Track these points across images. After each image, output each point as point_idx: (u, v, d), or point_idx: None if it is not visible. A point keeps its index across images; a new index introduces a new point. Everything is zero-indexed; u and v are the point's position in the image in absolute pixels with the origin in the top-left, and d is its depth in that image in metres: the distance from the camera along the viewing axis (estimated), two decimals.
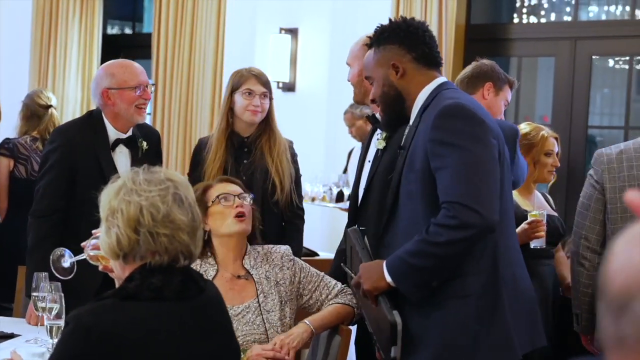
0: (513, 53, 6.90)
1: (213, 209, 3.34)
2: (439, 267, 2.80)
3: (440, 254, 2.76)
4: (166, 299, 2.30)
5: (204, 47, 7.37)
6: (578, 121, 6.50)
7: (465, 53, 6.75)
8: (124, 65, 4.12)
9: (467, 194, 2.72)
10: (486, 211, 2.70)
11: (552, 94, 6.71)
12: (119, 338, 2.21)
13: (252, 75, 4.09)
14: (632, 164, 3.57)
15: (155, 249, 2.29)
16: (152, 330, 2.27)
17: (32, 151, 5.47)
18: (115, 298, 2.29)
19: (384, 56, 3.01)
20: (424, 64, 2.99)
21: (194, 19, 7.43)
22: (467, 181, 2.73)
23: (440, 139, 2.79)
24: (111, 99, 3.95)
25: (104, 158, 3.95)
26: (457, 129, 2.79)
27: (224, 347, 2.46)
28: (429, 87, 2.97)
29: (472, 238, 2.73)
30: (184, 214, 2.32)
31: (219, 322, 2.47)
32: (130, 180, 2.35)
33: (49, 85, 8.01)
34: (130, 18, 9.44)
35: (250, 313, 3.27)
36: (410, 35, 2.99)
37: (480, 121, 2.80)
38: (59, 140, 3.99)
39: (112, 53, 8.44)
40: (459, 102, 2.85)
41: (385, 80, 3.01)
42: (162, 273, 2.30)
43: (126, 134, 4.04)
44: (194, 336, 2.35)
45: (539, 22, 7.42)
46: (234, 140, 4.06)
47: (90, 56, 8.02)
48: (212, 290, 2.49)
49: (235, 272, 3.34)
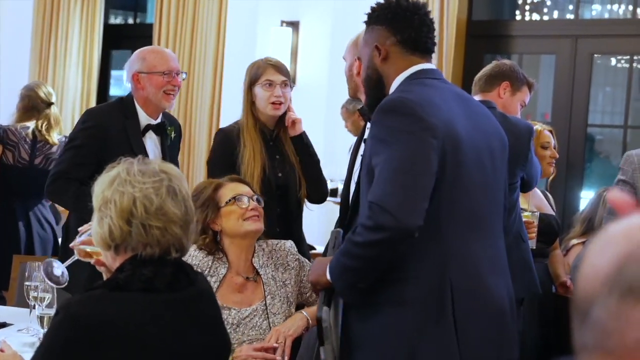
0: (514, 50, 6.89)
1: (227, 209, 3.30)
2: (362, 268, 2.63)
3: (361, 254, 2.60)
4: (156, 290, 2.30)
5: (205, 39, 7.36)
6: (578, 119, 6.49)
7: (466, 49, 6.74)
8: (156, 50, 4.20)
9: (384, 195, 2.55)
10: (402, 214, 2.51)
11: (552, 92, 6.70)
12: (107, 328, 2.21)
13: (270, 65, 3.99)
14: None
15: (147, 241, 2.29)
16: (142, 320, 2.27)
17: (21, 138, 5.47)
18: (105, 288, 2.29)
19: (370, 37, 2.87)
20: (409, 48, 2.82)
21: (195, 10, 7.42)
22: (388, 182, 2.56)
23: (376, 135, 2.66)
24: (141, 82, 4.00)
25: (135, 142, 3.96)
26: (391, 125, 2.62)
27: (214, 340, 2.47)
28: (403, 75, 2.81)
29: (387, 241, 2.55)
30: (177, 207, 2.32)
31: (209, 314, 2.47)
32: (124, 170, 2.35)
33: (49, 74, 8.01)
34: (132, 8, 9.42)
35: (257, 317, 3.25)
36: (398, 17, 2.82)
37: (419, 118, 2.60)
38: (92, 121, 3.98)
39: (113, 43, 8.46)
40: (402, 96, 2.68)
41: (369, 62, 2.87)
42: (153, 264, 2.30)
43: (156, 120, 4.06)
44: (183, 327, 2.35)
45: (541, 19, 7.40)
46: (266, 134, 3.98)
47: (91, 46, 8.01)
48: (203, 284, 2.49)
49: (246, 274, 3.32)
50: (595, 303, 0.85)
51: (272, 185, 3.92)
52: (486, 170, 2.77)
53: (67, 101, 7.96)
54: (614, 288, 0.83)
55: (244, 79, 4.04)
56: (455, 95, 2.82)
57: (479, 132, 2.77)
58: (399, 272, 2.65)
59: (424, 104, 2.66)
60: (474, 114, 2.83)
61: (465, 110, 2.79)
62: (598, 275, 0.86)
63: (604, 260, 0.86)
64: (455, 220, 2.67)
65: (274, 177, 3.94)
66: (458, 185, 2.67)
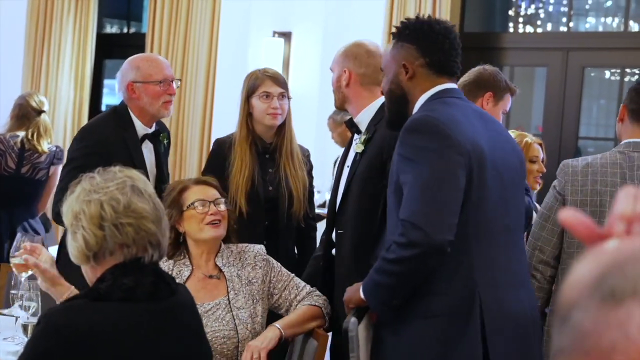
0: (506, 62, 6.90)
1: (188, 213, 3.32)
2: (395, 284, 2.74)
3: (395, 271, 2.71)
4: (137, 299, 2.30)
5: (197, 49, 7.37)
6: (568, 132, 6.50)
7: None
8: (150, 59, 4.12)
9: (415, 212, 2.65)
10: (432, 230, 2.61)
11: (543, 104, 6.71)
12: (89, 338, 2.22)
13: (267, 76, 3.95)
14: (597, 178, 3.47)
15: (122, 241, 2.30)
16: (123, 330, 2.28)
17: (9, 147, 5.48)
18: (87, 298, 2.30)
19: (399, 53, 2.94)
20: (435, 70, 2.90)
21: (188, 20, 7.43)
22: (419, 199, 2.65)
23: (404, 154, 2.75)
24: (136, 92, 3.93)
25: (135, 153, 3.91)
26: (417, 144, 2.72)
27: (195, 350, 2.47)
28: (427, 94, 2.90)
29: (419, 257, 2.65)
30: (145, 202, 2.33)
31: (189, 325, 2.47)
32: (87, 183, 2.37)
33: (42, 84, 8.01)
34: (125, 17, 9.44)
35: (220, 310, 3.26)
36: (429, 39, 2.89)
37: (445, 136, 2.70)
38: (90, 138, 3.91)
39: (106, 52, 8.47)
40: (427, 115, 2.78)
41: (394, 77, 2.95)
42: (134, 273, 2.31)
43: (151, 129, 4.03)
44: (164, 337, 2.35)
45: (533, 32, 7.42)
46: (259, 147, 3.94)
47: (84, 55, 8.01)
48: (184, 294, 2.50)
49: (208, 272, 3.34)
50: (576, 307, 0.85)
51: (259, 198, 3.90)
52: (506, 186, 2.84)
53: (60, 111, 7.96)
54: (595, 292, 0.84)
55: (242, 90, 4.00)
56: (475, 113, 2.91)
57: (499, 149, 2.85)
58: (429, 286, 2.75)
59: (448, 121, 2.74)
60: (493, 131, 2.91)
61: (486, 127, 2.87)
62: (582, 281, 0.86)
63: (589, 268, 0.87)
64: (482, 235, 2.76)
65: (263, 190, 3.91)
66: (483, 201, 2.76)
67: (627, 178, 3.44)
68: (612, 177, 3.45)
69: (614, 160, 3.48)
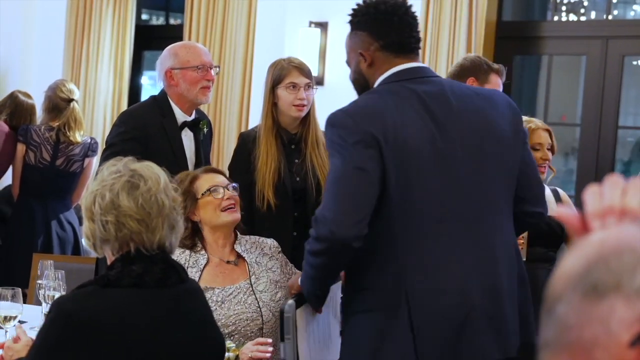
0: (544, 51, 6.83)
1: (203, 201, 3.36)
2: (314, 276, 2.81)
3: (311, 263, 2.77)
4: (147, 286, 2.33)
5: (234, 39, 7.38)
6: (608, 121, 6.42)
7: (495, 51, 6.69)
8: (187, 45, 4.18)
9: (323, 208, 2.68)
10: (337, 226, 2.61)
11: (582, 94, 6.64)
12: (99, 324, 2.26)
13: (293, 66, 3.93)
14: None
15: (106, 237, 2.35)
16: (132, 316, 2.31)
17: (44, 139, 5.54)
18: (97, 285, 2.34)
19: (355, 42, 2.89)
20: (393, 51, 2.83)
21: (225, 10, 7.45)
22: (327, 194, 2.69)
23: (327, 147, 2.84)
24: (174, 79, 3.96)
25: (174, 141, 3.93)
26: (333, 139, 2.72)
27: (204, 336, 2.49)
28: (380, 78, 2.84)
29: (327, 251, 2.67)
30: (132, 200, 2.34)
31: (199, 313, 2.50)
32: (100, 173, 2.42)
33: (81, 76, 8.07)
34: (164, 8, 9.48)
35: (242, 293, 3.28)
36: (379, 22, 2.84)
37: (355, 131, 2.66)
38: (129, 123, 3.93)
39: (145, 44, 8.51)
40: (341, 110, 2.75)
41: (356, 67, 2.90)
42: (143, 262, 2.34)
43: (191, 117, 4.03)
44: (174, 323, 2.38)
45: (571, 20, 7.33)
46: (284, 138, 3.93)
47: (122, 46, 8.06)
48: (194, 284, 2.55)
49: (225, 258, 3.36)
50: (560, 300, 0.85)
51: (287, 190, 3.88)
52: (460, 169, 2.73)
53: (99, 102, 8.02)
54: (578, 286, 0.84)
55: (266, 79, 3.98)
56: (417, 97, 2.77)
57: (448, 130, 2.73)
58: (362, 282, 2.75)
59: (360, 114, 2.70)
60: (444, 111, 2.77)
61: (429, 110, 2.75)
62: (567, 274, 0.86)
63: (575, 262, 0.87)
64: (411, 230, 2.69)
65: (291, 181, 3.90)
66: (411, 193, 2.68)
67: None
68: None
69: None
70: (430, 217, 2.71)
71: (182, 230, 2.51)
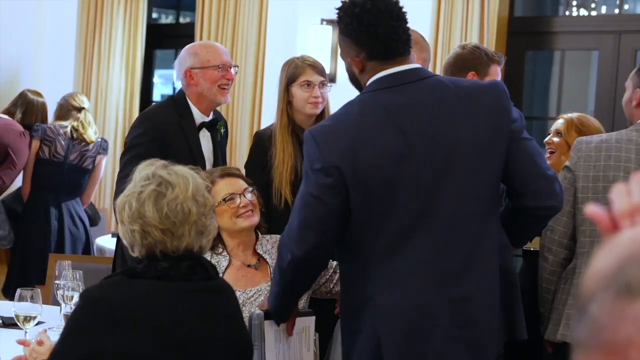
0: (556, 46, 6.82)
1: (220, 209, 3.31)
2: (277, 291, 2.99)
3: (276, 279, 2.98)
4: (171, 279, 2.39)
5: (246, 37, 7.39)
6: (621, 116, 6.40)
7: (507, 46, 6.68)
8: (207, 45, 4.15)
9: (286, 228, 2.86)
10: (295, 247, 2.78)
11: (595, 89, 6.62)
12: (124, 310, 2.36)
13: (308, 65, 3.93)
14: (611, 154, 3.42)
15: (132, 242, 2.42)
16: (157, 305, 2.41)
17: (58, 134, 5.60)
18: (123, 276, 2.41)
19: (343, 49, 2.84)
20: (380, 59, 2.74)
21: (236, 8, 7.45)
22: (291, 216, 2.84)
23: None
24: (194, 78, 3.94)
25: (192, 141, 3.92)
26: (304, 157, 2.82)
27: (230, 334, 2.52)
28: (367, 84, 2.79)
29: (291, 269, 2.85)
30: (158, 210, 2.40)
31: (225, 308, 2.54)
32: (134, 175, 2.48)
33: (93, 75, 8.09)
34: (175, 7, 9.49)
35: (263, 296, 3.27)
36: (363, 34, 2.73)
37: (317, 158, 2.70)
38: (147, 124, 3.92)
39: (157, 42, 8.53)
40: (310, 132, 2.77)
41: (348, 69, 2.85)
42: (170, 261, 2.40)
43: (209, 117, 4.03)
44: (197, 316, 2.44)
45: (583, 15, 7.32)
46: (299, 136, 3.86)
47: (134, 45, 8.07)
48: (223, 283, 2.60)
49: (246, 261, 3.36)
50: (593, 299, 0.85)
51: None
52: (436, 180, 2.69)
53: (111, 101, 8.04)
54: (612, 285, 0.84)
55: (280, 78, 3.98)
56: (384, 108, 2.72)
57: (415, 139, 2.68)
58: (341, 288, 2.97)
59: (326, 141, 2.71)
60: (412, 121, 2.71)
61: (395, 120, 2.70)
62: (599, 273, 0.86)
63: (608, 260, 0.87)
64: (379, 247, 2.72)
65: None
66: (377, 211, 2.70)
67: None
68: (627, 153, 3.42)
69: (630, 137, 3.45)
70: (397, 234, 2.69)
71: (214, 232, 2.57)
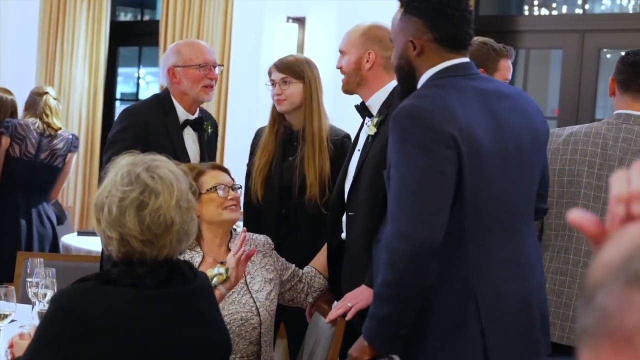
0: (521, 45, 6.86)
1: (207, 197, 3.33)
2: (394, 310, 2.60)
3: (390, 294, 2.58)
4: (146, 287, 2.31)
5: (211, 35, 7.36)
6: (585, 114, 6.47)
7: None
8: (191, 43, 4.14)
9: (402, 219, 2.54)
10: (421, 235, 2.51)
11: (559, 87, 6.68)
12: (96, 320, 2.24)
13: (273, 64, 4.00)
14: (577, 147, 3.43)
15: (109, 245, 2.34)
16: (131, 313, 2.30)
17: (29, 132, 5.55)
18: (97, 281, 2.32)
19: (407, 28, 2.70)
20: (445, 45, 2.69)
21: (202, 6, 7.42)
22: (403, 202, 2.54)
23: (392, 144, 2.60)
24: (177, 76, 3.94)
25: (175, 139, 3.91)
26: (403, 136, 2.55)
27: (208, 336, 2.46)
28: (432, 71, 2.71)
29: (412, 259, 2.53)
30: (139, 221, 2.30)
31: (201, 310, 2.46)
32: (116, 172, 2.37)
33: (56, 72, 8.02)
34: (138, 4, 9.43)
35: (236, 293, 3.26)
36: (438, 13, 2.66)
37: (432, 129, 2.52)
38: (129, 120, 3.91)
39: (120, 40, 8.47)
40: (414, 104, 2.59)
41: (402, 53, 2.74)
42: (146, 267, 2.32)
43: (194, 116, 4.02)
44: (173, 322, 2.35)
45: (549, 14, 7.38)
46: (285, 133, 3.95)
47: (97, 43, 8.01)
48: (201, 279, 2.49)
49: (219, 258, 3.35)
50: (601, 288, 0.85)
51: (274, 185, 3.89)
52: (512, 170, 2.68)
53: (74, 99, 7.97)
54: (620, 274, 0.84)
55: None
56: (478, 94, 2.69)
57: (505, 130, 2.67)
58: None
59: (438, 111, 2.56)
60: (501, 110, 2.70)
61: (490, 108, 2.68)
62: (608, 263, 0.86)
63: (616, 250, 0.87)
64: (478, 228, 2.62)
65: (279, 176, 3.90)
66: (480, 192, 2.60)
67: (608, 149, 3.40)
68: (592, 147, 3.41)
69: (599, 130, 3.44)
70: (496, 219, 2.65)
71: (195, 233, 2.44)
